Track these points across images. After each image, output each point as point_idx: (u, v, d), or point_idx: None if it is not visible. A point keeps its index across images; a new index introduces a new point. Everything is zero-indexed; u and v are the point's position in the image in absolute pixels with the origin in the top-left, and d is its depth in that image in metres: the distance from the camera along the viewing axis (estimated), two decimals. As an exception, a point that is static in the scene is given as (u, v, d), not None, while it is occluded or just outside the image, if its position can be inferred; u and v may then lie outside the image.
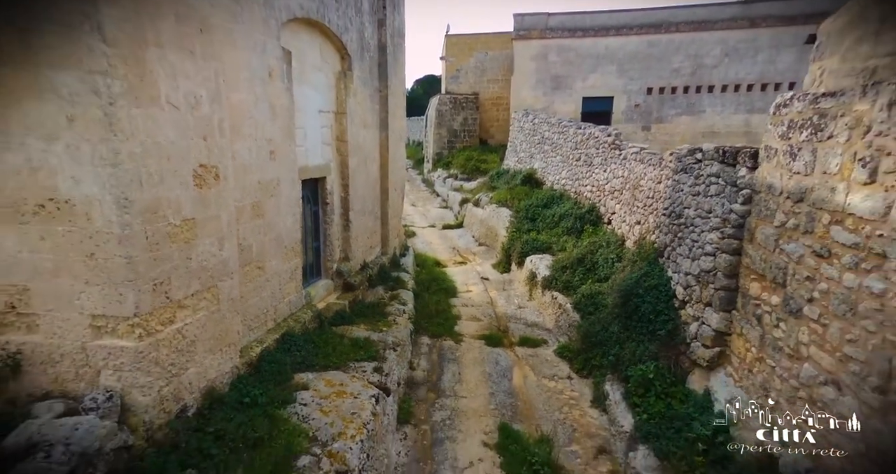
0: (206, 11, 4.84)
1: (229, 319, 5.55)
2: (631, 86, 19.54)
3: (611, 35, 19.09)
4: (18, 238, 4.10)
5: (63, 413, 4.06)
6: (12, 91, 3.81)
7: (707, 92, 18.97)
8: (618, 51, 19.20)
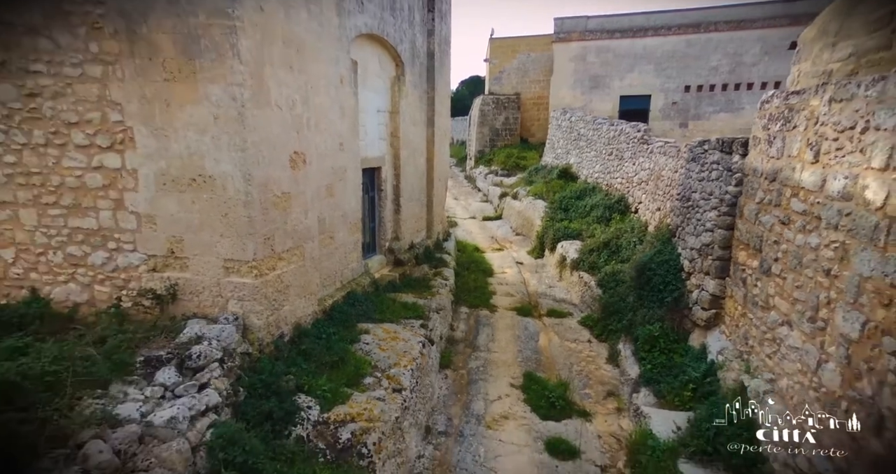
0: (301, 36, 6.43)
1: (311, 273, 7.14)
2: (668, 84, 20.10)
3: (649, 35, 19.74)
4: (178, 203, 5.80)
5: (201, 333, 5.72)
6: (180, 100, 5.49)
7: (746, 89, 19.24)
8: (655, 50, 19.82)
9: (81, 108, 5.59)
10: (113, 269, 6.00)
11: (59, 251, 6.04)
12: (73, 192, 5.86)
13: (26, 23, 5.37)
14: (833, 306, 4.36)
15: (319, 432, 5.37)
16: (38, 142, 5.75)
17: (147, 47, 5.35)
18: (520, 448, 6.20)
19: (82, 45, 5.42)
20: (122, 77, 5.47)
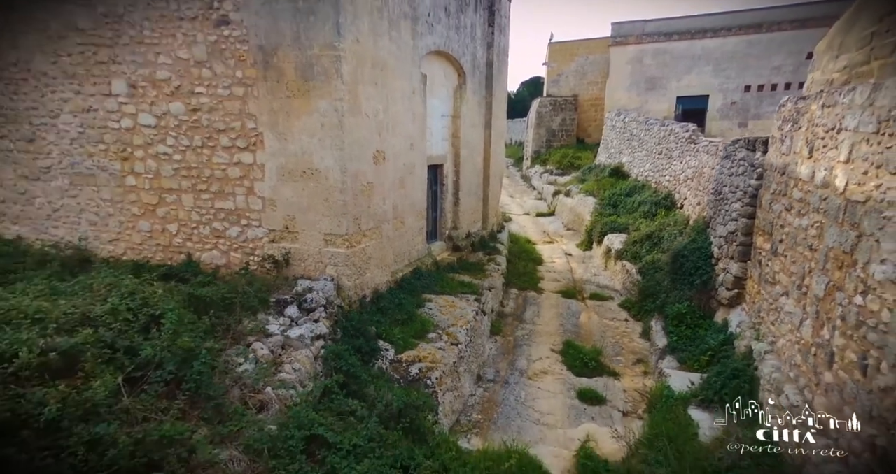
0: (385, 58, 8.09)
1: (386, 249, 8.80)
2: (727, 84, 20.16)
3: (708, 37, 19.94)
4: (292, 190, 7.61)
5: (311, 286, 7.50)
6: (297, 111, 7.28)
7: (811, 87, 18.85)
8: (714, 51, 19.97)
9: (227, 119, 7.55)
10: (244, 240, 7.95)
11: (207, 226, 8.08)
12: (218, 182, 7.85)
13: (196, 57, 7.39)
14: (812, 274, 5.32)
15: (395, 367, 6.96)
16: (197, 144, 7.79)
17: (276, 73, 7.19)
18: (554, 394, 7.48)
19: (231, 73, 7.37)
20: (257, 95, 7.36)
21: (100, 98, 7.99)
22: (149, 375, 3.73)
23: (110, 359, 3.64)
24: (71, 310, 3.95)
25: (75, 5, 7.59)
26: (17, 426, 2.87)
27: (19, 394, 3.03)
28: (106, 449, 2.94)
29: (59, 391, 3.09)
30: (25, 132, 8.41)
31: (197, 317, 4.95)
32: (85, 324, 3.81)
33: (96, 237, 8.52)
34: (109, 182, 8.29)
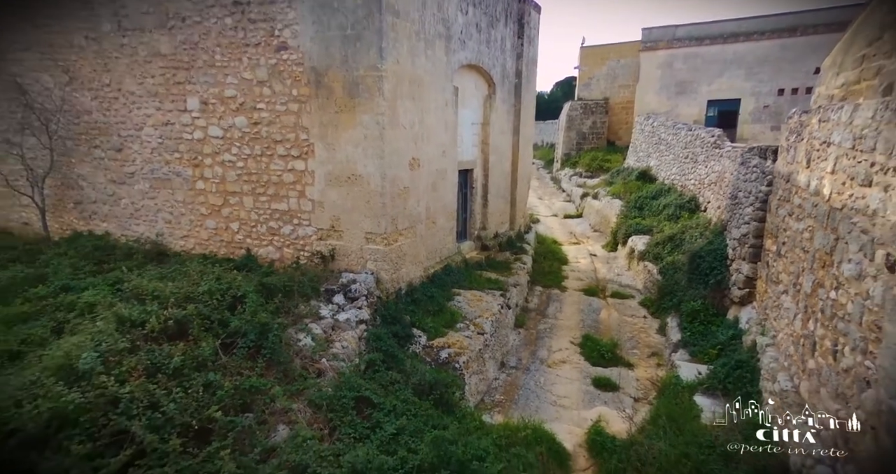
0: (421, 75, 9.00)
1: (419, 247, 9.72)
2: (760, 88, 20.12)
3: (740, 41, 19.96)
4: (338, 193, 8.62)
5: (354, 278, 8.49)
6: (344, 125, 8.28)
7: (848, 89, 18.60)
8: (747, 55, 19.97)
9: (283, 131, 8.64)
10: (295, 237, 9.03)
11: (264, 225, 9.20)
12: (274, 186, 8.96)
13: (258, 77, 8.51)
14: (804, 273, 5.88)
15: (426, 351, 7.85)
16: (257, 153, 8.92)
17: (326, 91, 8.22)
18: (571, 381, 8.20)
19: (288, 91, 8.45)
20: (309, 110, 8.41)
21: (176, 113, 9.25)
22: (237, 342, 4.76)
23: (209, 328, 4.68)
24: (177, 290, 5.02)
25: (160, 34, 8.86)
26: (154, 371, 3.91)
27: (152, 349, 4.08)
28: (215, 391, 3.95)
29: (179, 348, 4.13)
30: (115, 143, 9.78)
31: (265, 300, 5.98)
32: (189, 301, 4.87)
33: (170, 233, 9.81)
34: (182, 186, 9.55)
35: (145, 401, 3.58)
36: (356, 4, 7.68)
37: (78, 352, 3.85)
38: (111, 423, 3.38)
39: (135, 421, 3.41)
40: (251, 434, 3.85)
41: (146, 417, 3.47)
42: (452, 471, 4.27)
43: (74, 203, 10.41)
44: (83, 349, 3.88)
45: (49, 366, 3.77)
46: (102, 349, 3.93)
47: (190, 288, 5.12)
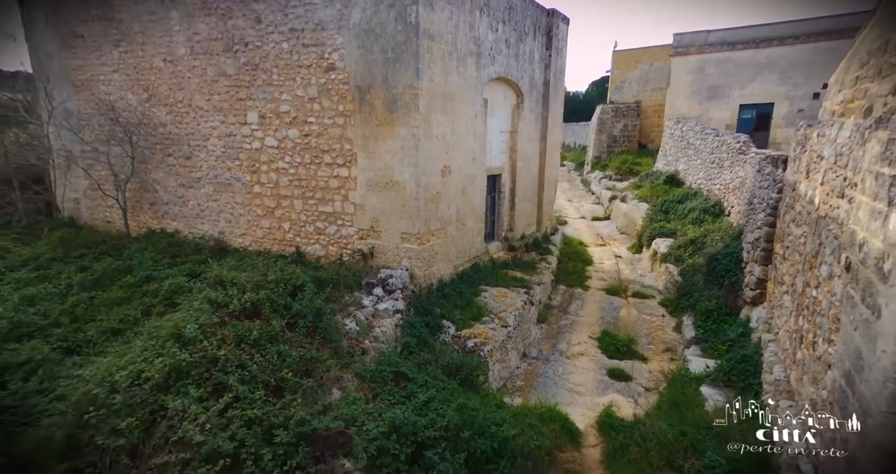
0: (453, 90, 9.91)
1: (450, 247, 10.63)
2: (794, 92, 20.00)
3: (773, 45, 19.90)
4: (377, 198, 9.63)
5: (391, 273, 9.49)
6: (383, 136, 9.28)
7: (887, 92, 18.28)
8: (780, 59, 19.90)
9: (330, 142, 9.73)
10: (339, 237, 10.12)
11: (312, 225, 10.33)
12: (321, 191, 10.07)
13: (309, 95, 9.65)
14: (798, 274, 6.46)
15: (454, 340, 8.75)
16: (306, 161, 10.06)
17: (368, 106, 9.24)
18: (588, 371, 8.93)
19: (335, 106, 9.54)
20: (353, 124, 9.46)
21: (238, 125, 10.52)
22: (298, 322, 5.80)
23: (276, 310, 5.74)
24: (250, 279, 6.11)
25: (226, 57, 10.13)
26: (239, 341, 4.98)
27: (235, 326, 5.16)
28: (285, 358, 4.99)
29: (256, 324, 5.19)
30: (185, 151, 11.16)
31: (318, 289, 7.04)
32: (260, 288, 5.95)
33: (230, 232, 11.11)
34: (241, 190, 10.81)
35: (236, 362, 4.64)
36: (396, 30, 8.67)
37: (183, 324, 4.96)
38: (213, 377, 4.44)
39: (230, 376, 4.47)
40: (313, 392, 4.86)
41: (237, 374, 4.53)
42: (473, 432, 5.16)
43: (149, 204, 11.89)
44: (187, 322, 4.98)
45: (162, 335, 4.89)
46: (201, 322, 5.02)
47: (260, 277, 6.20)
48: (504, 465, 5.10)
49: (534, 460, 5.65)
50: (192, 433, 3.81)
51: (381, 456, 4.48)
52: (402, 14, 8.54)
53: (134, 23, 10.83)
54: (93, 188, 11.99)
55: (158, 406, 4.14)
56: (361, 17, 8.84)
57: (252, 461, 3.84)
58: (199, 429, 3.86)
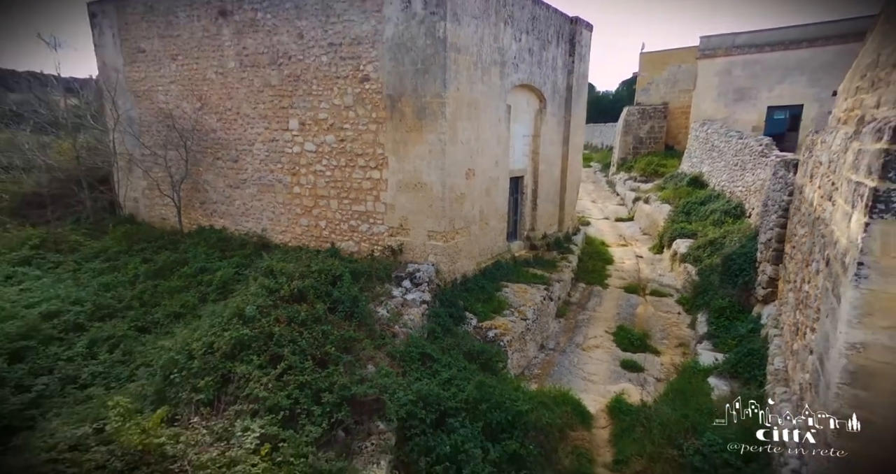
0: (477, 98, 10.60)
1: (473, 245, 11.33)
2: (824, 93, 19.75)
3: (803, 47, 19.75)
4: (406, 198, 10.42)
5: (418, 268, 10.26)
6: (412, 142, 10.06)
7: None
8: (810, 61, 19.72)
9: (364, 147, 10.57)
10: (371, 234, 10.95)
11: (346, 223, 11.21)
12: (355, 191, 10.93)
13: (345, 103, 10.51)
14: (798, 272, 6.89)
15: (476, 331, 9.44)
16: (342, 164, 10.94)
17: (399, 114, 10.04)
18: (602, 362, 9.48)
19: (368, 114, 10.38)
20: (385, 130, 10.28)
21: (280, 132, 11.50)
22: (338, 307, 6.63)
23: (319, 296, 6.58)
24: (295, 269, 6.98)
25: (271, 69, 11.12)
26: (290, 321, 5.83)
27: (286, 308, 6.02)
28: (328, 336, 5.81)
29: (303, 307, 6.04)
30: (232, 155, 12.24)
31: (353, 280, 7.87)
32: (304, 277, 6.80)
33: (272, 229, 12.12)
34: (283, 190, 11.80)
35: (288, 338, 5.48)
36: (426, 44, 9.44)
37: (243, 305, 5.84)
38: (270, 349, 5.30)
39: (284, 348, 5.31)
40: (352, 365, 5.65)
41: (289, 347, 5.36)
42: (490, 405, 5.86)
43: (200, 203, 13.04)
44: (246, 304, 5.86)
45: (227, 314, 5.79)
46: (258, 304, 5.89)
47: (304, 268, 7.06)
48: (517, 435, 5.77)
49: (545, 434, 6.30)
50: (257, 390, 4.65)
51: (410, 420, 5.24)
52: (432, 29, 9.30)
53: (190, 39, 11.98)
54: (151, 188, 13.24)
55: (227, 371, 5.01)
56: (394, 33, 9.65)
57: (305, 414, 4.65)
58: (262, 388, 4.70)
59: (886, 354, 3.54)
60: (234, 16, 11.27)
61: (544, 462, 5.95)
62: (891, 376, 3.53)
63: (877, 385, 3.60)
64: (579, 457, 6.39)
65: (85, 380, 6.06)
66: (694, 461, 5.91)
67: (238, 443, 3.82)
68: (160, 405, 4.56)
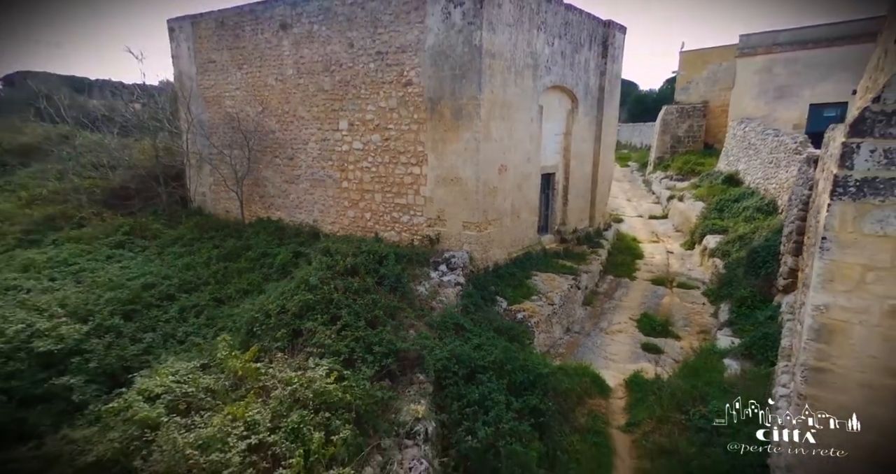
0: (510, 99, 11.47)
1: (505, 235, 12.20)
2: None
3: (847, 43, 19.42)
4: (443, 191, 11.41)
5: (453, 254, 11.24)
6: (449, 140, 11.04)
7: (977, 88, 17.29)
8: (854, 58, 19.37)
9: (406, 145, 11.65)
10: (411, 224, 12.02)
11: (389, 214, 12.34)
12: (397, 186, 12.03)
13: (390, 105, 11.63)
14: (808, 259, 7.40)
15: (506, 313, 10.31)
16: (385, 161, 12.06)
17: (438, 115, 11.05)
18: (623, 344, 10.15)
19: (410, 115, 11.45)
20: (425, 130, 11.31)
21: (331, 132, 12.77)
22: (384, 281, 7.71)
23: (368, 272, 7.68)
24: (348, 250, 8.12)
25: (325, 76, 12.41)
26: (345, 290, 6.95)
27: (342, 279, 7.15)
28: (376, 304, 6.89)
29: (356, 280, 7.15)
30: (288, 153, 13.64)
31: (396, 261, 8.94)
32: (356, 256, 7.92)
33: (322, 220, 13.42)
34: (332, 185, 13.06)
35: (344, 303, 6.58)
36: (463, 52, 10.40)
37: (307, 277, 7.01)
38: (330, 311, 6.42)
39: (342, 311, 6.41)
40: (396, 328, 6.69)
41: (346, 310, 6.46)
42: (514, 367, 6.76)
43: (259, 196, 14.54)
44: (310, 275, 7.03)
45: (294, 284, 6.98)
46: (319, 276, 7.04)
47: (355, 249, 8.19)
48: (537, 394, 6.63)
49: (564, 397, 7.15)
50: (323, 339, 5.76)
51: (445, 373, 6.21)
52: (469, 38, 10.26)
53: (254, 50, 13.46)
54: (217, 183, 14.85)
55: (297, 327, 6.16)
56: (435, 42, 10.67)
57: (360, 360, 5.71)
58: (326, 338, 5.80)
59: (843, 313, 4.22)
60: (293, 29, 12.63)
61: (561, 419, 6.80)
62: (846, 331, 4.20)
63: (835, 340, 4.28)
64: (594, 419, 7.19)
65: (180, 338, 7.40)
66: (698, 423, 6.60)
67: (312, 371, 4.91)
68: (246, 351, 5.74)
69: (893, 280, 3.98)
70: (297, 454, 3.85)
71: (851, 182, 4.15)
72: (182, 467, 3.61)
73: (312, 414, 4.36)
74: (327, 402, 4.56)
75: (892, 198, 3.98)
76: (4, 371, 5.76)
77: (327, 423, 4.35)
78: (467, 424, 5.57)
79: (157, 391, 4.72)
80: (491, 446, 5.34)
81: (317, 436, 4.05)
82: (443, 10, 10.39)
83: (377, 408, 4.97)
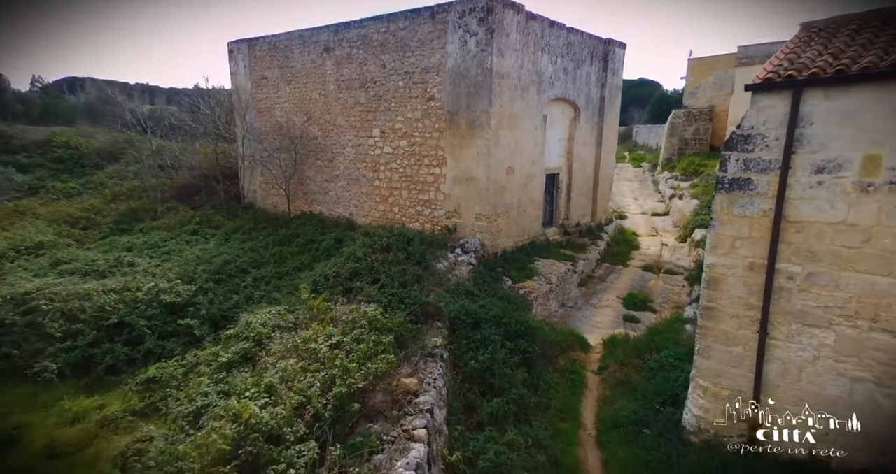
0: (517, 111, 13.61)
1: (512, 226, 14.35)
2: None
3: (837, 50, 20.88)
4: (459, 189, 13.61)
5: (467, 241, 13.43)
6: (465, 146, 13.24)
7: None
8: (845, 63, 20.82)
9: (428, 149, 13.90)
10: (432, 217, 14.27)
11: (413, 208, 14.61)
12: (421, 184, 14.29)
13: (416, 116, 13.91)
14: (744, 240, 9.36)
15: (511, 288, 12.46)
16: (410, 163, 14.34)
17: (455, 125, 13.26)
18: (608, 316, 12.19)
19: (433, 125, 13.69)
20: (445, 137, 13.54)
21: (365, 138, 15.12)
22: (411, 257, 9.98)
23: (399, 249, 9.97)
24: (382, 233, 10.41)
25: (361, 91, 14.77)
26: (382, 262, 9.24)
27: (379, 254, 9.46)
28: (406, 271, 9.16)
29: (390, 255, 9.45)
30: (329, 156, 16.06)
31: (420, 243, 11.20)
32: (389, 237, 10.21)
33: (357, 213, 15.79)
34: (366, 184, 15.41)
35: (382, 270, 8.88)
36: (477, 73, 12.59)
37: (354, 251, 9.34)
38: (372, 275, 8.72)
39: (381, 275, 8.71)
40: (421, 291, 8.95)
41: (384, 275, 8.75)
42: (510, 319, 8.93)
43: (303, 193, 17.02)
44: (356, 250, 9.35)
45: (342, 258, 9.29)
46: (363, 251, 9.36)
47: (388, 233, 10.49)
48: (528, 339, 8.79)
49: (550, 346, 9.29)
50: (368, 291, 8.04)
51: (456, 321, 8.42)
52: (482, 62, 12.45)
53: (301, 69, 15.93)
54: (267, 182, 17.38)
55: (348, 286, 8.47)
56: (454, 64, 12.89)
57: (395, 307, 7.98)
58: (371, 292, 8.09)
59: (721, 269, 6.25)
60: (335, 51, 15.03)
61: (546, 362, 8.94)
62: (724, 280, 6.24)
63: (719, 286, 6.31)
64: (574, 364, 9.31)
65: (256, 299, 9.81)
66: (650, 365, 8.66)
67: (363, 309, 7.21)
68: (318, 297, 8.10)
69: (750, 245, 6.00)
70: (361, 348, 6.10)
71: (726, 180, 6.18)
72: (292, 352, 5.91)
73: (368, 331, 6.64)
74: (376, 327, 6.81)
75: (748, 191, 6.01)
76: (147, 313, 8.25)
77: (377, 338, 6.61)
78: (471, 353, 7.77)
79: (261, 320, 7.07)
80: (488, 368, 7.54)
81: (372, 338, 6.32)
82: (460, 39, 12.61)
83: (409, 335, 7.21)
